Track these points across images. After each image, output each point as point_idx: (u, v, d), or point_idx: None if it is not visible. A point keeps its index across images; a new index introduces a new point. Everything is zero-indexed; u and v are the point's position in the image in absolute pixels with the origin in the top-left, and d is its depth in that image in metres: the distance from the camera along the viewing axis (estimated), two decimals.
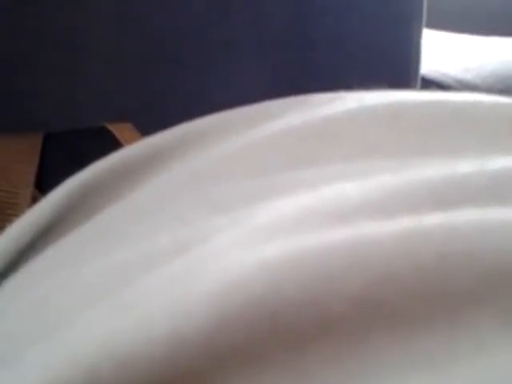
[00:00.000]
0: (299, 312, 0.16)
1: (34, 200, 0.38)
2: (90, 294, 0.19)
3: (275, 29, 0.42)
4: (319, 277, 0.16)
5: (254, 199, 0.21)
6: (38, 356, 0.17)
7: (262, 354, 0.16)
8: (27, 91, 0.39)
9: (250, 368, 0.16)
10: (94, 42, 0.39)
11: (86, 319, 0.17)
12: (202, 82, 0.41)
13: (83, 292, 0.19)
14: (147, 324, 0.16)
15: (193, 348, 0.15)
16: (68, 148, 0.42)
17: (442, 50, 0.61)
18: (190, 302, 0.16)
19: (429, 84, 0.55)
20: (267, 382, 0.16)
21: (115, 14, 0.39)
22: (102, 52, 0.39)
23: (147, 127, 0.32)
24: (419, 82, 0.47)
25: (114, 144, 0.37)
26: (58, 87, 0.39)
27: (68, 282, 0.20)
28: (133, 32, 0.39)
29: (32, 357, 0.17)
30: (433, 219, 0.17)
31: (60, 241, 0.24)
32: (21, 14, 0.38)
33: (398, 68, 0.46)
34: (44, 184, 0.41)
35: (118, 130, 0.40)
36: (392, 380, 0.15)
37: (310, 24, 0.43)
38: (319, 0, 0.43)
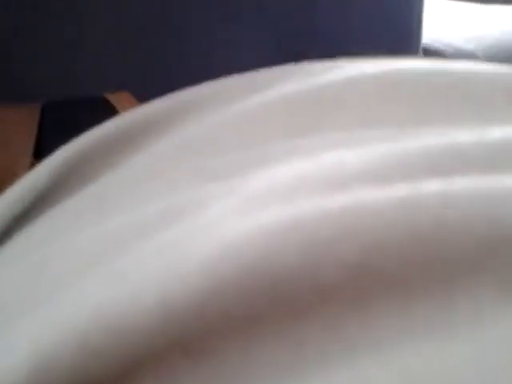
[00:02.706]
0: (296, 278, 0.16)
1: None
2: (83, 262, 0.19)
3: None
4: (316, 243, 0.16)
5: (250, 167, 0.21)
6: (28, 325, 0.17)
7: (258, 321, 0.16)
8: (25, 61, 0.39)
9: (246, 335, 0.16)
10: (93, 13, 0.39)
11: (78, 287, 0.17)
12: (202, 51, 0.40)
13: (76, 260, 0.19)
14: (138, 291, 0.16)
15: (186, 315, 0.15)
16: (66, 118, 0.42)
17: (443, 20, 0.61)
18: (182, 268, 0.16)
19: (430, 54, 0.54)
20: (264, 349, 0.16)
21: None
22: (101, 22, 0.39)
23: (147, 97, 0.32)
24: (421, 52, 0.47)
25: (112, 114, 0.37)
26: (57, 57, 0.39)
27: (61, 250, 0.20)
28: (133, 4, 0.39)
29: (22, 325, 0.17)
30: (431, 186, 0.17)
31: (54, 208, 0.24)
32: None
33: (399, 37, 0.46)
34: (42, 153, 0.40)
35: (116, 99, 0.40)
36: (390, 348, 0.15)
37: None
38: None
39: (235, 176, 0.20)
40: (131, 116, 0.27)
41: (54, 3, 0.38)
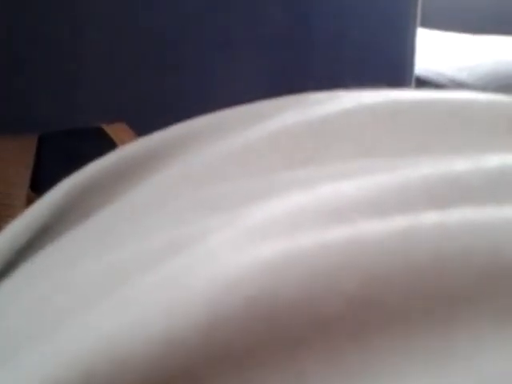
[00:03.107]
0: (295, 311, 0.16)
1: (30, 201, 0.38)
2: (87, 293, 0.19)
3: (274, 30, 0.42)
4: (315, 276, 0.16)
5: (250, 199, 0.21)
6: (35, 356, 0.17)
7: (259, 353, 0.16)
8: (24, 92, 0.39)
9: (247, 367, 0.16)
10: (92, 43, 0.39)
11: (83, 319, 0.17)
12: (200, 82, 0.40)
13: (80, 292, 0.19)
14: (143, 323, 0.16)
15: (189, 347, 0.15)
16: (63, 149, 0.42)
17: (436, 50, 0.61)
18: (186, 300, 0.16)
19: (424, 83, 0.55)
20: (264, 381, 0.16)
21: (114, 15, 0.39)
22: (99, 53, 0.39)
23: (144, 128, 0.32)
24: (414, 82, 0.47)
25: (109, 144, 0.37)
26: (56, 88, 0.39)
27: (65, 282, 0.20)
28: (131, 33, 0.39)
29: (30, 357, 0.17)
30: (429, 218, 0.17)
31: (57, 240, 0.24)
32: (20, 14, 0.38)
33: (393, 68, 0.46)
34: (39, 185, 0.41)
35: (113, 130, 0.40)
36: (389, 380, 0.15)
37: (308, 25, 0.43)
38: (317, 2, 0.43)
39: (235, 208, 0.21)
40: (131, 149, 0.27)
41: (54, 32, 0.38)
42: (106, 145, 0.36)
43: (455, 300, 0.16)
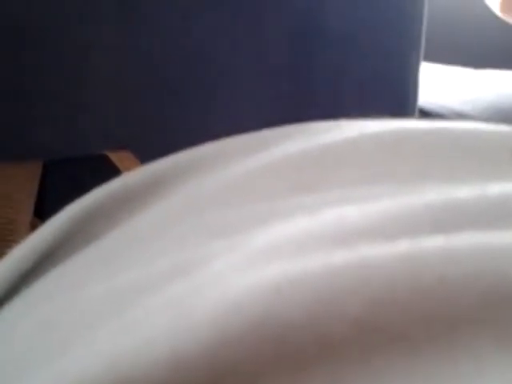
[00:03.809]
0: (300, 334, 0.16)
1: (34, 227, 0.38)
2: (92, 316, 0.19)
3: (275, 60, 0.42)
4: (320, 300, 0.16)
5: (253, 224, 0.21)
6: (41, 379, 0.17)
7: (264, 375, 0.16)
8: (27, 118, 0.39)
9: None
10: (94, 70, 0.39)
11: (89, 341, 0.17)
12: (204, 110, 0.41)
13: (85, 315, 0.20)
14: (149, 345, 0.16)
15: (194, 369, 0.15)
16: (67, 176, 0.42)
17: (439, 83, 0.61)
18: (190, 323, 0.16)
19: (427, 115, 0.55)
20: None
21: (116, 42, 0.39)
22: (102, 79, 0.40)
23: (147, 155, 0.32)
24: (417, 114, 0.47)
25: (113, 172, 0.38)
26: (58, 114, 0.40)
27: (70, 306, 0.20)
28: (133, 60, 0.39)
29: (34, 380, 0.17)
30: (433, 242, 0.17)
31: (62, 265, 0.24)
32: (23, 39, 0.38)
33: (396, 100, 0.47)
34: (43, 212, 0.41)
35: (117, 158, 0.41)
36: None
37: (310, 55, 0.43)
38: (320, 32, 0.43)
39: (239, 233, 0.21)
40: (135, 175, 0.27)
41: (55, 58, 0.39)
42: (110, 172, 0.36)
43: (458, 324, 0.16)
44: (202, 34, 0.40)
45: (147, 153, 0.33)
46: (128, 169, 0.40)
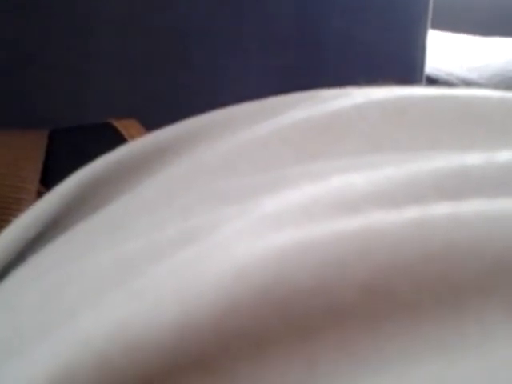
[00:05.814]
0: (308, 300, 0.16)
1: (40, 195, 0.39)
2: (100, 283, 0.19)
3: (283, 29, 0.42)
4: (328, 265, 0.16)
5: (262, 191, 0.21)
6: (48, 345, 0.17)
7: (271, 340, 0.16)
8: (34, 89, 0.39)
9: (259, 354, 0.16)
10: (99, 40, 0.39)
11: (96, 308, 0.17)
12: (209, 80, 0.41)
13: (93, 282, 0.20)
14: (157, 309, 0.16)
15: (201, 333, 0.15)
16: (73, 145, 0.42)
17: (446, 50, 0.61)
18: (199, 287, 0.16)
19: (434, 83, 0.55)
20: (276, 368, 0.16)
21: (121, 13, 0.39)
22: (107, 50, 0.39)
23: (153, 124, 0.32)
24: (424, 81, 0.47)
25: (119, 140, 0.37)
26: (64, 85, 0.40)
27: (77, 273, 0.21)
28: (139, 30, 0.39)
29: (42, 346, 0.17)
30: (440, 209, 0.17)
31: (68, 232, 0.24)
32: (30, 12, 0.38)
33: (403, 67, 0.46)
34: (49, 180, 0.41)
35: (123, 126, 0.40)
36: (401, 367, 0.15)
37: (317, 24, 0.43)
38: (329, 3, 0.43)
39: (248, 199, 0.21)
40: (143, 142, 0.27)
41: (62, 31, 0.39)
42: (116, 140, 0.36)
43: (465, 291, 0.16)
44: (212, 5, 0.40)
45: (155, 122, 0.33)
46: (133, 137, 0.39)
